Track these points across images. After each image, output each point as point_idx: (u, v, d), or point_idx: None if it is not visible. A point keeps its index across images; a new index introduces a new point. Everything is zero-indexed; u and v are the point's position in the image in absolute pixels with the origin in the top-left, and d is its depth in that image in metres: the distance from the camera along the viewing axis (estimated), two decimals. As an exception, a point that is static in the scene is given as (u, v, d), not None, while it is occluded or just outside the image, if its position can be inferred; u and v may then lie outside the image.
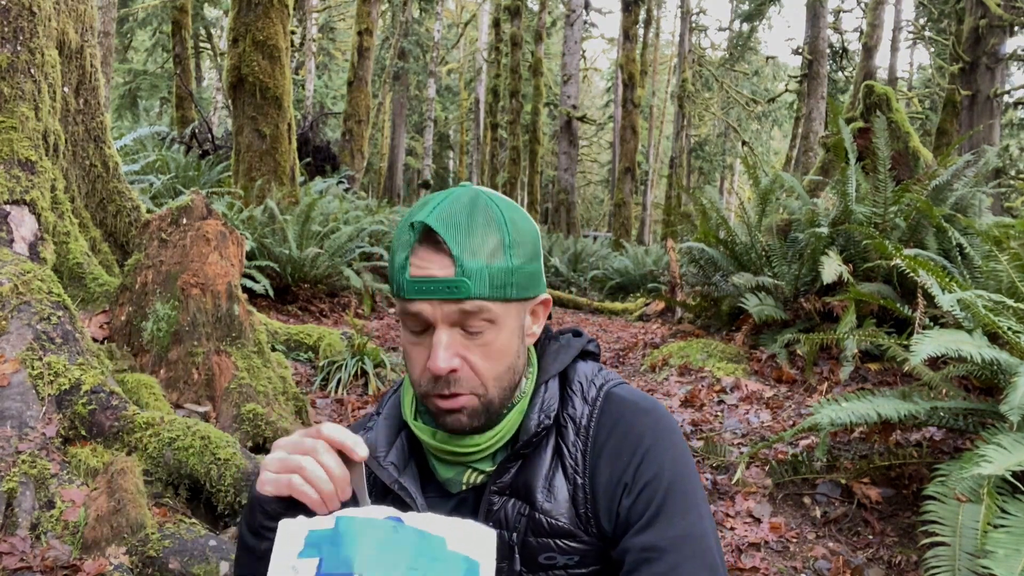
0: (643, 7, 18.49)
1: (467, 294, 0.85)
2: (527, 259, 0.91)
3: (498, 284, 0.87)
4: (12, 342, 2.23)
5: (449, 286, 0.85)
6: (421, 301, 0.87)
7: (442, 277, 0.85)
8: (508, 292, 0.88)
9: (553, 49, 29.82)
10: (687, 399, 4.02)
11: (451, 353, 0.87)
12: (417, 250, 0.87)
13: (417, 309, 0.87)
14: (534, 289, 0.93)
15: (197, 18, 18.98)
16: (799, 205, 5.13)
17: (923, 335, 2.12)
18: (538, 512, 0.94)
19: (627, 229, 16.65)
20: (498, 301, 0.88)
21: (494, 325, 0.89)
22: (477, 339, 0.89)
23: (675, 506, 0.89)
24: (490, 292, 0.86)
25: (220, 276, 2.93)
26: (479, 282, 0.85)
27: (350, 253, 6.96)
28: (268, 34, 6.95)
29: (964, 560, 1.71)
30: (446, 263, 0.86)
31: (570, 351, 1.01)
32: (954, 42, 9.95)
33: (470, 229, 0.86)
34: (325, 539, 0.78)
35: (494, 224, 0.88)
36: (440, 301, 0.86)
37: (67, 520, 1.97)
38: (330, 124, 21.62)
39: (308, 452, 0.83)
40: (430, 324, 0.88)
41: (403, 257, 0.88)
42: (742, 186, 31.36)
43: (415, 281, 0.86)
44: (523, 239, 0.91)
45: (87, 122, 3.30)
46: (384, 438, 0.99)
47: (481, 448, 0.94)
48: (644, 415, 0.95)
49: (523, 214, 0.94)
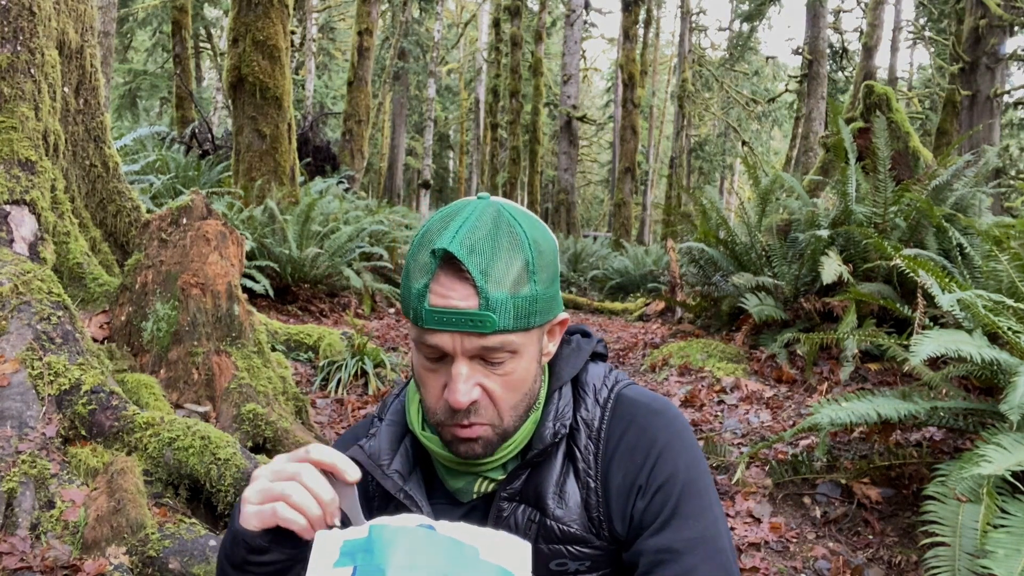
0: (643, 7, 18.49)
1: (492, 328, 0.81)
2: (549, 282, 0.87)
3: (522, 315, 0.83)
4: (12, 342, 2.23)
5: (473, 319, 0.80)
6: (441, 332, 0.82)
7: (465, 309, 0.81)
8: (531, 321, 0.85)
9: (553, 49, 29.82)
10: (687, 399, 4.02)
11: (471, 385, 0.84)
12: (438, 276, 0.82)
13: (436, 341, 0.83)
14: (554, 311, 0.90)
15: (197, 18, 18.98)
16: (799, 205, 5.13)
17: (923, 335, 2.12)
18: (549, 519, 0.92)
19: (627, 229, 16.65)
20: (521, 332, 0.84)
21: (515, 355, 0.86)
22: (497, 369, 0.85)
23: (690, 508, 0.88)
24: (514, 324, 0.82)
25: (220, 276, 2.93)
26: (503, 315, 0.81)
27: (350, 253, 6.96)
28: (268, 34, 6.95)
29: (964, 560, 1.71)
30: (469, 293, 0.81)
31: (582, 355, 0.99)
32: (954, 42, 9.95)
33: (494, 255, 0.81)
34: (359, 548, 0.77)
35: (518, 247, 0.83)
36: (461, 334, 0.81)
37: (67, 520, 1.97)
38: (330, 124, 21.62)
39: (292, 477, 0.78)
40: (448, 355, 0.84)
41: (422, 284, 0.82)
42: (742, 186, 31.36)
43: (435, 311, 0.81)
44: (545, 261, 0.86)
45: (87, 122, 3.30)
46: (388, 445, 0.97)
47: (494, 460, 0.93)
48: (656, 416, 0.95)
49: (543, 230, 0.90)
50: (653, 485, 0.90)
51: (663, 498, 0.89)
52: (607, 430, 0.95)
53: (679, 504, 0.88)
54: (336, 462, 0.78)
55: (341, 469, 0.78)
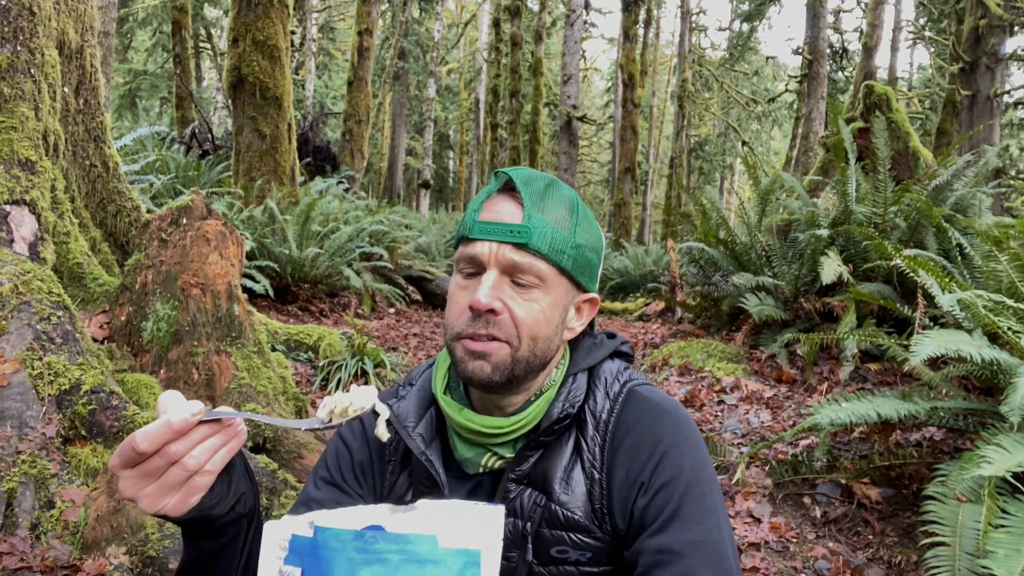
0: (643, 7, 18.49)
1: (526, 240, 0.88)
2: (589, 246, 0.95)
3: (557, 248, 0.90)
4: (12, 342, 2.23)
5: (512, 230, 0.89)
6: (482, 241, 0.90)
7: (508, 222, 0.90)
8: (563, 260, 0.91)
9: (553, 49, 29.81)
10: (687, 399, 4.02)
11: (495, 294, 0.89)
12: (494, 197, 0.93)
13: (476, 250, 0.90)
14: (587, 280, 0.96)
15: (197, 18, 18.98)
16: (799, 205, 5.13)
17: (923, 335, 2.12)
18: (554, 503, 0.93)
19: (627, 229, 16.65)
20: (552, 264, 0.91)
21: (542, 286, 0.91)
22: (523, 292, 0.90)
23: (692, 510, 0.88)
24: (548, 250, 0.90)
25: (220, 276, 2.93)
26: (540, 236, 0.89)
27: (350, 253, 6.96)
28: (268, 34, 6.95)
29: (964, 560, 1.71)
30: (516, 211, 0.91)
31: (603, 349, 1.02)
32: (954, 42, 9.95)
33: (546, 193, 0.92)
34: (305, 548, 0.77)
35: (567, 202, 0.94)
36: (499, 243, 0.89)
37: (67, 520, 1.97)
38: (330, 124, 21.62)
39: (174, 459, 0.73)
40: (483, 267, 0.90)
41: (478, 202, 0.94)
42: (742, 186, 31.35)
43: (483, 223, 0.91)
44: (590, 229, 0.96)
45: (87, 122, 3.30)
46: (415, 409, 1.00)
47: (504, 431, 0.94)
48: (665, 415, 0.95)
49: (593, 217, 0.98)
50: (655, 483, 0.90)
51: (665, 498, 0.89)
52: (614, 424, 0.96)
53: (681, 505, 0.88)
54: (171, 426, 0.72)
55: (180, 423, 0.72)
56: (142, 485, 0.74)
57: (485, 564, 0.76)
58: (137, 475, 0.73)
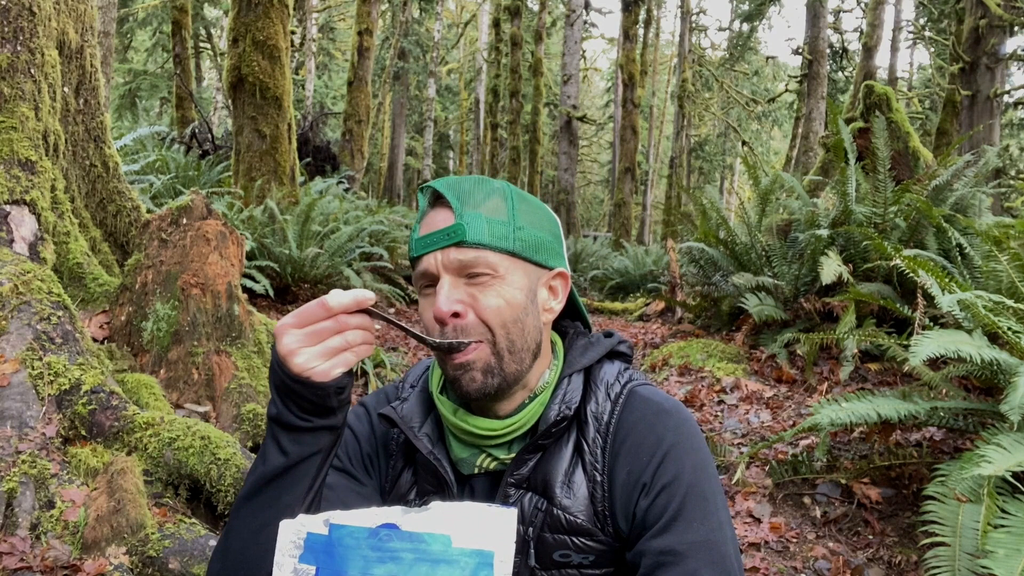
0: (643, 7, 18.49)
1: (463, 236, 0.89)
2: (535, 225, 0.95)
3: (498, 233, 0.91)
4: (12, 342, 2.23)
5: (448, 233, 0.90)
6: (426, 255, 0.91)
7: (443, 227, 0.91)
8: (510, 244, 0.91)
9: (553, 49, 29.81)
10: (687, 399, 4.02)
11: (453, 299, 0.89)
12: (428, 213, 0.95)
13: (424, 266, 0.92)
14: (546, 257, 0.96)
15: (197, 18, 18.97)
16: (799, 205, 5.13)
17: (923, 335, 2.12)
18: (556, 508, 0.93)
19: (627, 229, 16.65)
20: (499, 252, 0.91)
21: (498, 277, 0.91)
22: (480, 287, 0.91)
23: (694, 511, 0.87)
24: (488, 239, 0.90)
25: (220, 276, 2.93)
26: (476, 229, 0.89)
27: (350, 253, 6.96)
28: (268, 34, 6.95)
29: (964, 560, 1.71)
30: (447, 216, 0.91)
31: (598, 348, 1.02)
32: (954, 42, 9.95)
33: (473, 190, 0.93)
34: (320, 546, 0.77)
35: (498, 194, 0.94)
36: (441, 250, 0.90)
37: (67, 520, 1.97)
38: (330, 124, 21.61)
39: (342, 328, 0.84)
40: (435, 278, 0.91)
41: (416, 223, 0.96)
42: (742, 186, 31.35)
43: (421, 238, 0.92)
44: (531, 209, 0.96)
45: (87, 122, 3.30)
46: (419, 410, 1.01)
47: (497, 433, 0.94)
48: (667, 416, 0.95)
49: (536, 201, 0.99)
50: (657, 484, 0.89)
51: (667, 499, 0.88)
52: (616, 425, 0.95)
53: (683, 506, 0.87)
54: (356, 298, 0.85)
55: (363, 300, 0.85)
56: (307, 343, 0.83)
57: (498, 565, 0.76)
58: (307, 334, 0.83)
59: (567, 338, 1.04)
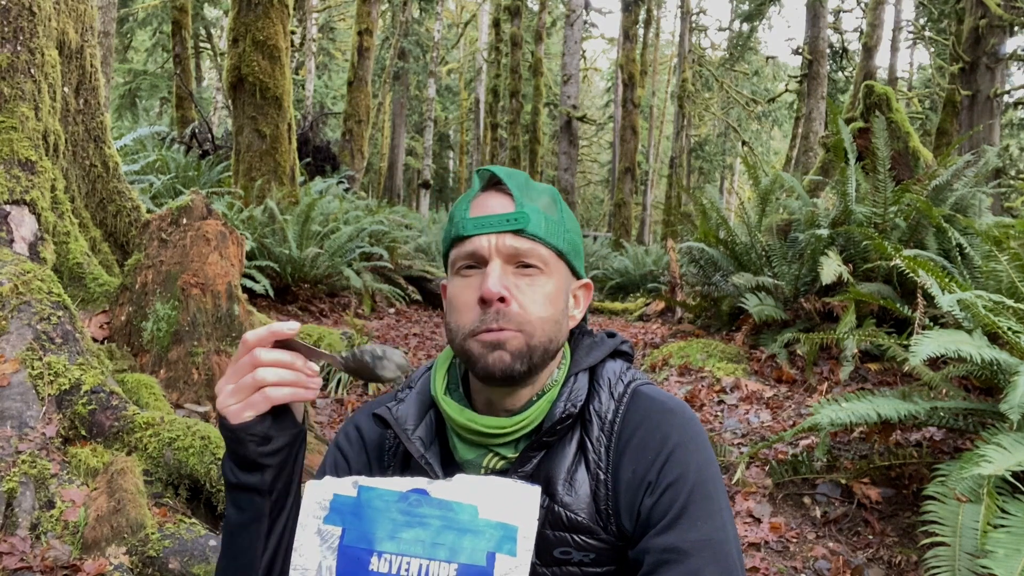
0: (643, 7, 18.49)
1: (524, 225, 0.91)
2: (575, 232, 0.99)
3: (552, 231, 0.93)
4: (12, 342, 2.23)
5: (508, 219, 0.91)
6: (479, 236, 0.91)
7: (502, 212, 0.92)
8: (559, 242, 0.94)
9: (553, 49, 29.80)
10: (687, 399, 4.02)
11: (503, 283, 0.90)
12: (479, 195, 0.95)
13: (474, 246, 0.91)
14: (579, 264, 1.00)
15: (197, 18, 18.97)
16: (799, 205, 5.13)
17: (923, 335, 2.12)
18: (557, 505, 0.93)
19: (627, 229, 16.65)
20: (550, 248, 0.93)
21: (545, 270, 0.93)
22: (527, 279, 0.92)
23: (698, 510, 0.88)
24: (544, 233, 0.92)
25: (220, 276, 2.93)
26: (536, 220, 0.92)
27: (350, 253, 6.96)
28: (268, 34, 6.95)
29: (964, 560, 1.71)
30: (506, 202, 0.93)
31: (603, 348, 1.03)
32: (954, 42, 9.95)
33: (528, 184, 0.95)
34: (348, 507, 0.78)
35: (548, 192, 0.98)
36: (497, 234, 0.91)
37: (67, 520, 1.97)
38: (330, 124, 21.61)
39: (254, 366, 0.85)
40: (485, 261, 0.91)
41: (466, 202, 0.95)
42: (742, 186, 31.35)
43: (476, 218, 0.92)
44: (571, 216, 1.00)
45: (87, 122, 3.30)
46: (414, 412, 1.01)
47: (506, 431, 0.93)
48: (671, 415, 0.95)
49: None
50: (663, 483, 0.90)
51: (671, 497, 0.88)
52: (620, 424, 0.95)
53: (688, 505, 0.88)
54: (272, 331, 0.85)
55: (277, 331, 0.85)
56: (228, 380, 0.86)
57: (521, 540, 0.77)
58: (231, 372, 0.86)
59: (573, 338, 1.05)
